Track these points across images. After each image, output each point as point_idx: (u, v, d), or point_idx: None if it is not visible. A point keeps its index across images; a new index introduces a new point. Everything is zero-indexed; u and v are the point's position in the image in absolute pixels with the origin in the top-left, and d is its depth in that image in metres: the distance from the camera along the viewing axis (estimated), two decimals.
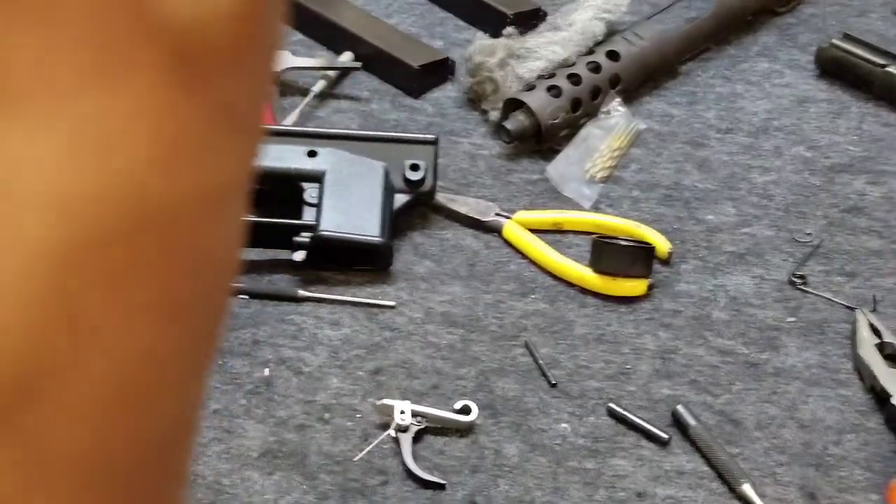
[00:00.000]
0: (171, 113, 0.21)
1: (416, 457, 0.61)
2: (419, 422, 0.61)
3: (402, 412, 0.61)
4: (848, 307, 0.72)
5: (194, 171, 0.22)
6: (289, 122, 0.85)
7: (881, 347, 0.68)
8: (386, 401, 0.62)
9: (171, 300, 0.22)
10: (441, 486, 0.59)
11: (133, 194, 0.21)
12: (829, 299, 0.73)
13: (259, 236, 0.73)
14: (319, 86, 0.90)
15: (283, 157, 0.75)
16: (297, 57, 0.91)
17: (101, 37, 0.21)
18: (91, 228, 0.21)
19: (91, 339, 0.21)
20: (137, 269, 0.21)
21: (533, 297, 0.73)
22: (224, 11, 0.21)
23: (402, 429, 0.61)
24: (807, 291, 0.73)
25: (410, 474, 0.59)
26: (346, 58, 0.93)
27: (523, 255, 0.76)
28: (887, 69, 0.88)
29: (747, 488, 0.60)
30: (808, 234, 0.78)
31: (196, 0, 0.21)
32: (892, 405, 0.63)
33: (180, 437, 0.25)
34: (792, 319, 0.71)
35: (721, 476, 0.61)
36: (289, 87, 0.91)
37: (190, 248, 0.23)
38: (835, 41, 0.91)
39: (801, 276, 0.74)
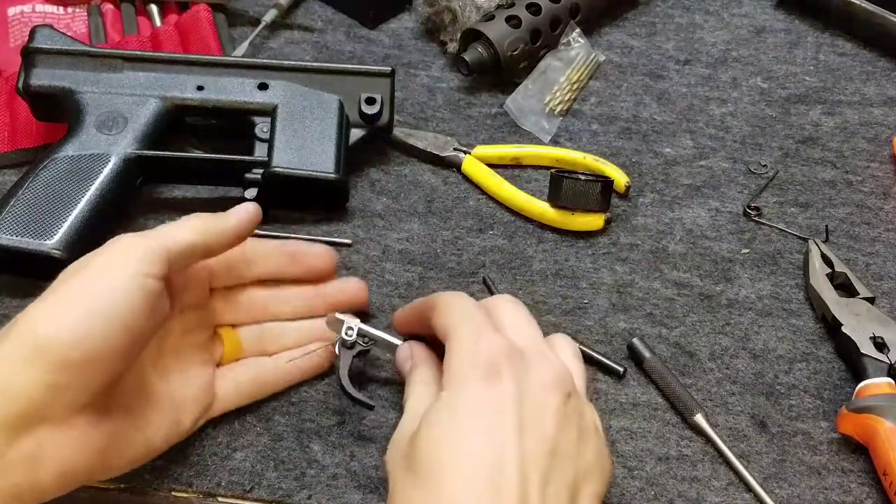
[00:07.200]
0: None
1: (360, 377, 0.61)
2: (366, 342, 0.60)
3: (350, 329, 0.59)
4: (801, 238, 0.73)
5: None
6: (238, 53, 0.82)
7: (832, 277, 0.69)
8: (338, 315, 0.60)
9: None
10: (370, 407, 0.58)
11: None
12: (782, 230, 0.73)
13: (208, 173, 0.72)
14: (271, 15, 0.87)
15: (233, 89, 0.73)
16: None
17: None
18: None
19: None
20: None
21: (491, 232, 0.72)
22: None
23: (348, 345, 0.59)
24: (761, 223, 0.74)
25: (344, 391, 0.58)
26: None
27: (482, 191, 0.75)
28: None
29: (700, 418, 0.61)
30: (764, 165, 0.78)
31: None
32: (843, 334, 0.64)
33: None
34: (746, 251, 0.72)
35: (675, 407, 0.62)
36: (238, 17, 0.88)
37: None
38: None
39: (756, 208, 0.74)
